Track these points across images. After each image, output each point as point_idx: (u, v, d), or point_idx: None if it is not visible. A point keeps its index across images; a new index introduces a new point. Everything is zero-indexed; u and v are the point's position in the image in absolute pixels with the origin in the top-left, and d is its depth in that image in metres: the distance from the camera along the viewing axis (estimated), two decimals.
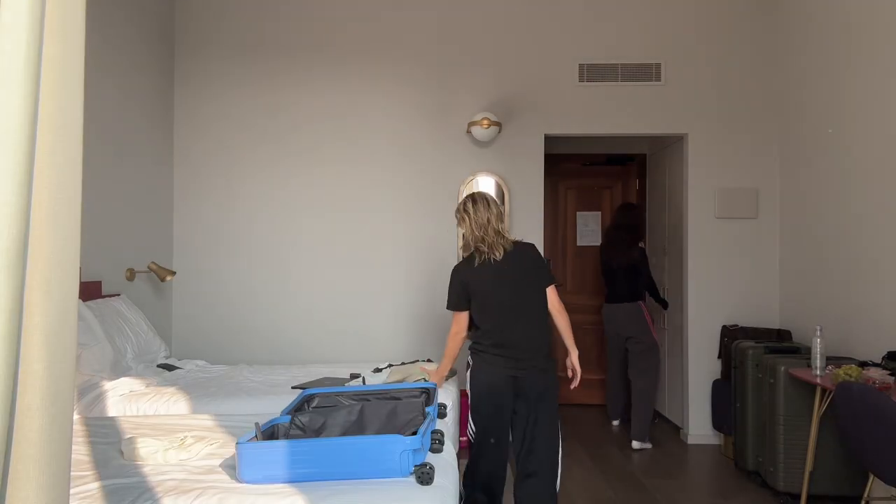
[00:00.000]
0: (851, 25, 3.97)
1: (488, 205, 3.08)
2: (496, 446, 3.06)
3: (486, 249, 3.05)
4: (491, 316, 3.06)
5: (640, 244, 5.23)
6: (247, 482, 1.95)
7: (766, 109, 4.96)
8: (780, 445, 3.71)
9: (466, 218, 3.10)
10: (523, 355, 3.03)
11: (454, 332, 3.17)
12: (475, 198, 3.13)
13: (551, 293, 3.12)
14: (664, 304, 5.27)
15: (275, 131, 5.04)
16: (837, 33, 4.13)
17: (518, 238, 3.23)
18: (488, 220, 3.05)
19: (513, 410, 3.08)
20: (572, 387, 3.22)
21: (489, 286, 3.05)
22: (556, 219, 6.29)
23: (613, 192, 6.28)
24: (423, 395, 2.62)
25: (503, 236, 3.07)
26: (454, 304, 3.15)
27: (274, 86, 5.04)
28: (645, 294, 5.09)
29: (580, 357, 3.23)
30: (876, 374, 3.07)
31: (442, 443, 2.26)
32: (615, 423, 5.43)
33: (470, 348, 3.16)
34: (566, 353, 3.22)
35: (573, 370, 3.18)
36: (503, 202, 4.99)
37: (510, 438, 3.13)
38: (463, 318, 3.14)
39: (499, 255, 3.03)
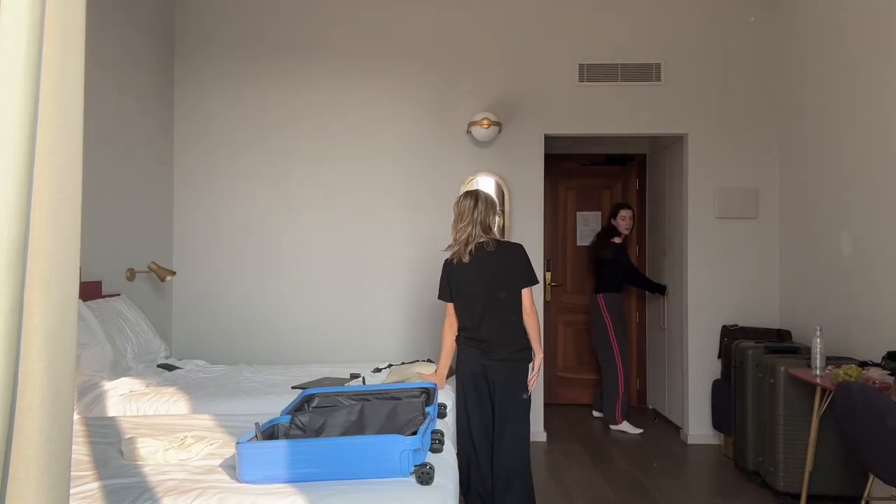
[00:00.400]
0: (851, 25, 3.97)
1: (467, 205, 3.18)
2: (473, 431, 3.22)
3: (455, 250, 3.20)
4: (466, 311, 3.19)
5: (615, 240, 5.44)
6: (247, 482, 1.95)
7: (766, 109, 4.96)
8: (780, 445, 3.71)
9: (454, 216, 3.25)
10: (492, 348, 3.16)
11: (447, 324, 3.30)
12: (460, 198, 3.26)
13: (525, 295, 3.15)
14: (661, 290, 5.50)
15: (274, 132, 5.04)
16: (837, 33, 4.12)
17: (515, 238, 3.26)
18: (466, 222, 3.16)
19: (490, 400, 3.21)
20: (530, 386, 3.26)
21: (466, 283, 3.17)
22: (556, 219, 6.29)
23: (613, 192, 6.28)
24: (423, 394, 2.62)
25: (476, 238, 3.14)
26: (442, 294, 3.28)
27: (273, 85, 5.04)
28: (604, 287, 5.37)
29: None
30: (876, 374, 3.07)
31: (442, 443, 2.26)
32: (595, 413, 5.68)
33: (455, 339, 3.31)
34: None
35: (533, 369, 3.26)
36: (503, 202, 4.99)
37: (491, 427, 3.25)
38: (447, 308, 3.28)
39: (466, 258, 3.12)
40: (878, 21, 3.70)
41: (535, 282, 3.22)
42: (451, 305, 3.25)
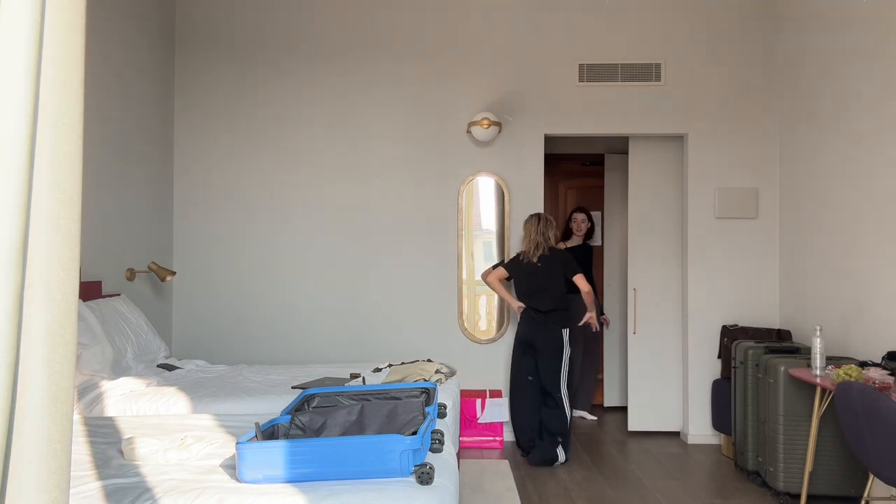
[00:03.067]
0: (851, 25, 3.97)
1: (532, 224, 4.56)
2: (523, 380, 4.60)
3: (524, 255, 4.55)
4: (529, 286, 4.55)
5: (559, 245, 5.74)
6: (247, 482, 1.95)
7: (766, 109, 4.96)
8: (780, 445, 3.71)
9: (524, 231, 4.63)
10: (539, 317, 4.51)
11: (493, 279, 4.62)
12: (528, 218, 4.61)
13: (578, 280, 4.54)
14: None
15: (274, 132, 5.04)
16: (837, 33, 4.13)
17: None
18: (530, 235, 4.54)
19: (535, 358, 4.55)
20: (594, 328, 4.85)
21: (533, 274, 4.53)
22: (557, 219, 6.29)
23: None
24: (423, 394, 2.62)
25: (540, 245, 4.49)
26: (502, 264, 4.68)
27: (273, 85, 5.04)
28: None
29: None
30: (876, 374, 3.06)
31: (442, 443, 2.26)
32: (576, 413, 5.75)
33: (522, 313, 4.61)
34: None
35: (590, 321, 4.71)
36: (503, 202, 5.00)
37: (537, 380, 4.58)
38: (498, 271, 4.62)
39: (535, 259, 4.50)
40: (878, 20, 3.70)
41: (580, 270, 4.58)
42: (500, 269, 4.61)
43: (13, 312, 0.99)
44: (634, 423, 5.21)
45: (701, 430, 4.96)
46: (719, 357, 4.88)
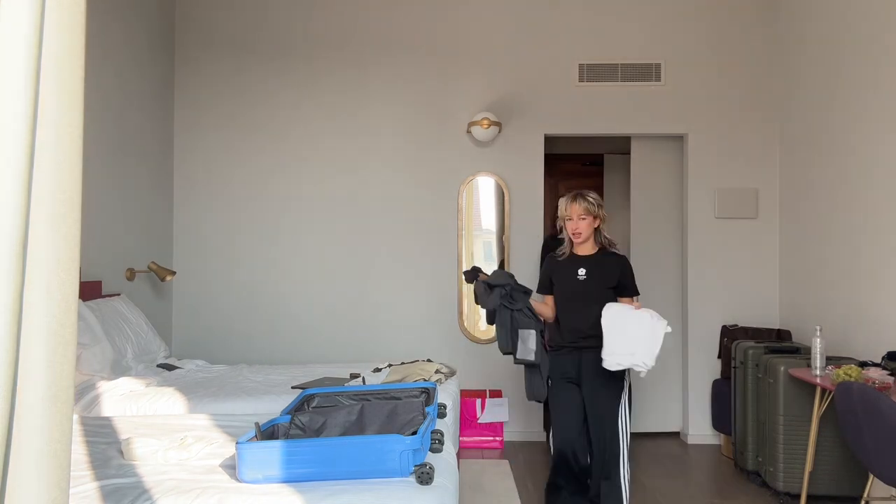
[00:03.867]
0: (851, 25, 3.97)
1: None
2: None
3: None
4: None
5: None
6: (246, 482, 1.95)
7: (766, 109, 4.96)
8: (780, 445, 3.71)
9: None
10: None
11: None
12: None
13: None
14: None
15: (274, 132, 5.04)
16: (837, 33, 4.13)
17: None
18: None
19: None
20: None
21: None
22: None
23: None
24: (423, 394, 2.62)
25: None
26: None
27: (273, 86, 5.04)
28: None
29: None
30: (876, 374, 3.06)
31: (442, 443, 2.26)
32: None
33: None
34: None
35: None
36: (503, 202, 5.00)
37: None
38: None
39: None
40: (878, 21, 3.70)
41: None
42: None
43: (13, 312, 0.99)
44: (634, 424, 5.19)
45: (701, 431, 4.95)
46: (719, 357, 4.88)
